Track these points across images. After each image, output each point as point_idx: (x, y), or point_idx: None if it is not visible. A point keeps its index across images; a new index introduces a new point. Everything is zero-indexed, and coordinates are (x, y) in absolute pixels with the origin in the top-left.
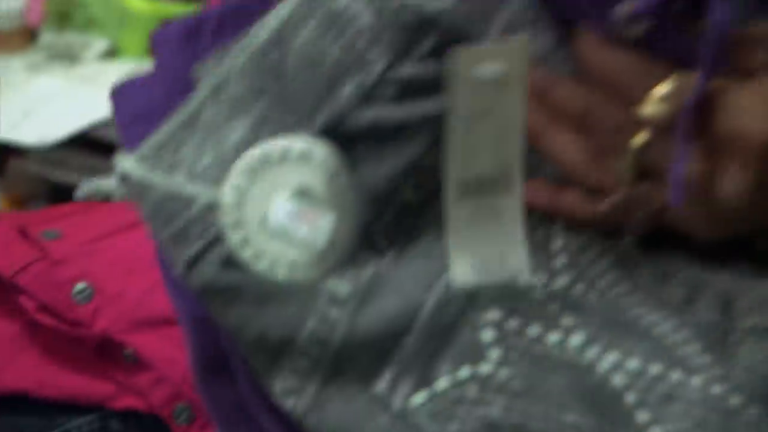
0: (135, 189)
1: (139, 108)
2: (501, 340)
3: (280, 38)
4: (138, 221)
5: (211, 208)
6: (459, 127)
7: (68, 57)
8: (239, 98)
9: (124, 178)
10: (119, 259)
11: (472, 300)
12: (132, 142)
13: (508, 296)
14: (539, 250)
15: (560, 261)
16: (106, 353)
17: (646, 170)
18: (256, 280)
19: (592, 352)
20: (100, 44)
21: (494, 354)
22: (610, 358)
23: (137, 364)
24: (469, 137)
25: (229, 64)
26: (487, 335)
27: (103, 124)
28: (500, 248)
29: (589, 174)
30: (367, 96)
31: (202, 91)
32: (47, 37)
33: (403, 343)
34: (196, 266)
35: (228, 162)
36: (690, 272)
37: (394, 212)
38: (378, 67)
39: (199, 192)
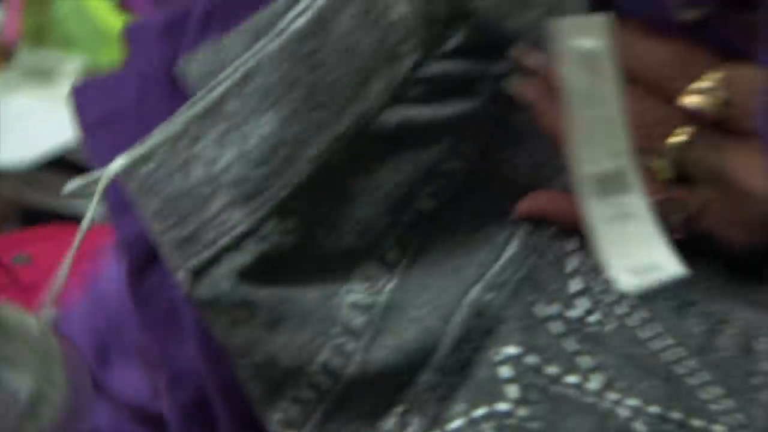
0: (139, 185)
1: (106, 109)
2: (519, 377)
3: (319, 25)
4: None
5: (229, 210)
6: (578, 110)
7: (44, 75)
8: (269, 89)
9: (126, 174)
10: None
11: (489, 333)
12: (99, 147)
13: (527, 329)
14: (552, 274)
15: (575, 285)
16: None
17: (684, 171)
18: (273, 298)
19: (611, 397)
20: (76, 62)
21: (512, 391)
22: (630, 404)
23: None
24: (587, 124)
25: (257, 53)
26: (505, 372)
27: (79, 146)
28: (647, 249)
29: None
30: (395, 96)
31: (226, 80)
32: (23, 54)
33: (417, 379)
34: (206, 275)
35: (252, 159)
36: (710, 304)
37: (409, 221)
38: (407, 63)
39: (217, 191)
